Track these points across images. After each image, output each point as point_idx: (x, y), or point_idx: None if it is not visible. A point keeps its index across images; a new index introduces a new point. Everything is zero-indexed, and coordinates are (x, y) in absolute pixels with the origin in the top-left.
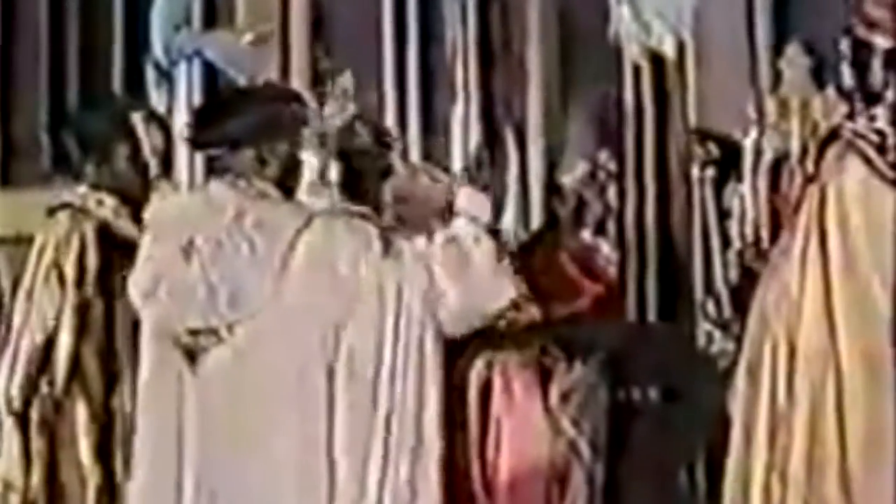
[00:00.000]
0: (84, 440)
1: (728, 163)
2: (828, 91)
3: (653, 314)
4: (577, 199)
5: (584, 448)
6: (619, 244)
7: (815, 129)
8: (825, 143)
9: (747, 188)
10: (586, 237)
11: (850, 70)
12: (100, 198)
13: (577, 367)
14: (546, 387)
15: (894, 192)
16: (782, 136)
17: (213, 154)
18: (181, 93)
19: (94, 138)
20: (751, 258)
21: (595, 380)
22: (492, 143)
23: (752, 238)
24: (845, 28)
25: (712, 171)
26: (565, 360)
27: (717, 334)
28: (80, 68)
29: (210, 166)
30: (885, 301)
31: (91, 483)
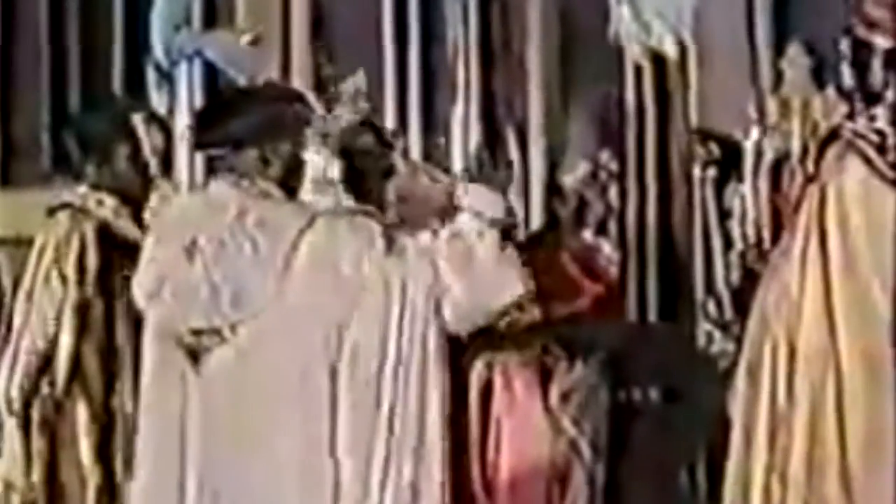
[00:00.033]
0: (84, 440)
1: (729, 163)
2: (828, 91)
3: (653, 314)
4: (579, 200)
5: (585, 448)
6: (621, 244)
7: (815, 128)
8: (825, 143)
9: (748, 188)
10: (587, 237)
11: (850, 70)
12: (100, 198)
13: (578, 367)
14: (547, 387)
15: (894, 193)
16: (783, 136)
17: (215, 154)
18: (182, 93)
19: (95, 139)
20: (752, 259)
21: (596, 380)
22: (493, 142)
23: (753, 239)
24: (845, 28)
25: (713, 172)
26: (566, 360)
27: (718, 335)
28: (80, 69)
29: (212, 166)
30: (885, 302)
31: (91, 483)
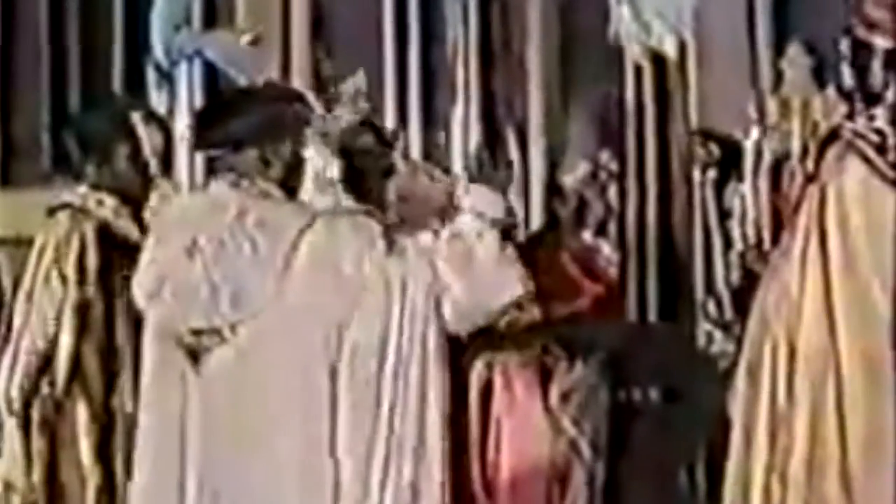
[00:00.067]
0: (84, 440)
1: (729, 163)
2: (828, 91)
3: (653, 314)
4: (579, 200)
5: (585, 448)
6: (620, 244)
7: (815, 129)
8: (825, 143)
9: (748, 188)
10: (587, 237)
11: (850, 70)
12: (100, 198)
13: (578, 368)
14: (547, 387)
15: (894, 193)
16: (783, 136)
17: (215, 155)
18: (182, 93)
19: (95, 139)
20: (752, 259)
21: (596, 380)
22: (493, 142)
23: (753, 239)
24: (845, 28)
25: (713, 172)
26: (566, 360)
27: (718, 335)
28: (80, 69)
29: (211, 166)
30: (885, 302)
31: (91, 483)
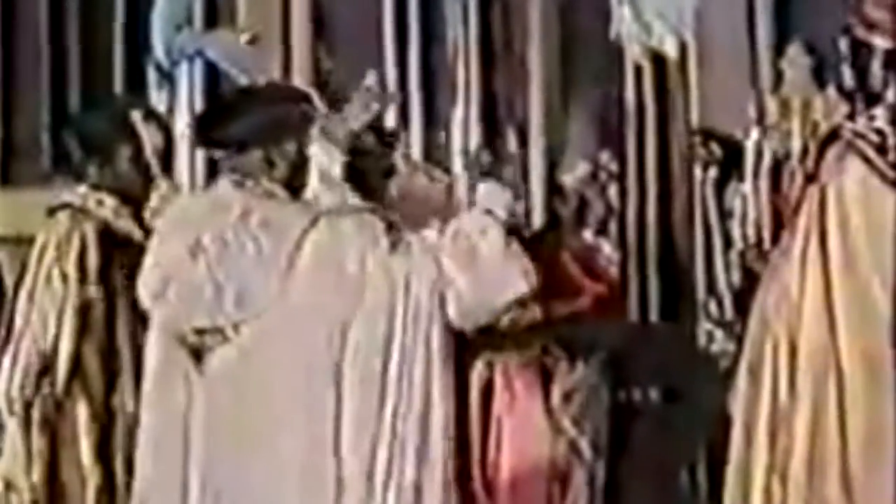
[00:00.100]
0: (85, 440)
1: (729, 163)
2: (828, 91)
3: (654, 314)
4: (579, 199)
5: (586, 448)
6: (621, 244)
7: (815, 129)
8: (825, 143)
9: (749, 188)
10: (588, 237)
11: (850, 70)
12: (100, 198)
13: (579, 367)
14: (547, 387)
15: (894, 193)
16: (783, 136)
17: (219, 155)
18: (182, 93)
19: (96, 139)
20: (752, 259)
21: (596, 380)
22: (493, 142)
23: (753, 239)
24: (845, 28)
25: (714, 172)
26: (567, 360)
27: (719, 334)
28: (80, 69)
29: (215, 166)
30: (885, 302)
31: (91, 483)
